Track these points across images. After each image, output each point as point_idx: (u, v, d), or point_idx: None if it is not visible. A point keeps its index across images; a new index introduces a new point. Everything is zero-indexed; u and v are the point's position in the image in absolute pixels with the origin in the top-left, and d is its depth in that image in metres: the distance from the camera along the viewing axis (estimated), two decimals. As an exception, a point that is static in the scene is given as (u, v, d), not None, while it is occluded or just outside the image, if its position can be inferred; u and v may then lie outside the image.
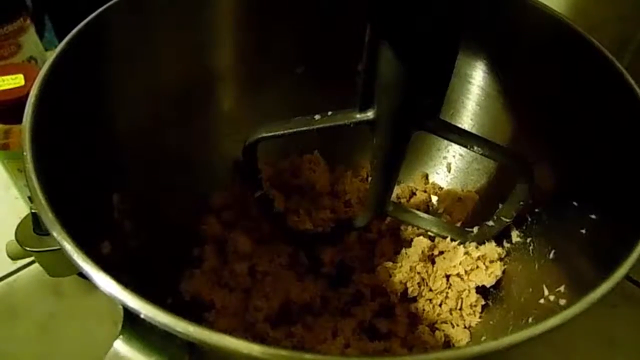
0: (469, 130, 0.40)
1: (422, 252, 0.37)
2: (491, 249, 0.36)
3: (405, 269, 0.37)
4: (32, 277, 0.41)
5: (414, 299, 0.37)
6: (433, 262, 0.38)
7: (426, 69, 0.25)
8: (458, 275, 0.36)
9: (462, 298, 0.36)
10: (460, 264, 0.36)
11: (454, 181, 0.43)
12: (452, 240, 0.37)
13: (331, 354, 0.33)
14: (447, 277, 0.37)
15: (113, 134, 0.32)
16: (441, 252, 0.38)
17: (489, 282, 0.35)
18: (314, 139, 0.33)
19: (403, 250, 0.39)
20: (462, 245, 0.37)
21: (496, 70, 0.37)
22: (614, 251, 0.24)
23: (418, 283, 0.37)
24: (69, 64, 0.28)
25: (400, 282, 0.37)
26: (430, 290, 0.37)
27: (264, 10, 0.38)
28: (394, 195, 0.43)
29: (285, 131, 0.32)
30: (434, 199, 0.44)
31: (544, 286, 0.31)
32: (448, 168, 0.43)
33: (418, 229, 0.39)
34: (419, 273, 0.37)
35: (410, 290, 0.37)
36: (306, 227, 0.40)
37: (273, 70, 0.40)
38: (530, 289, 0.33)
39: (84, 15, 0.30)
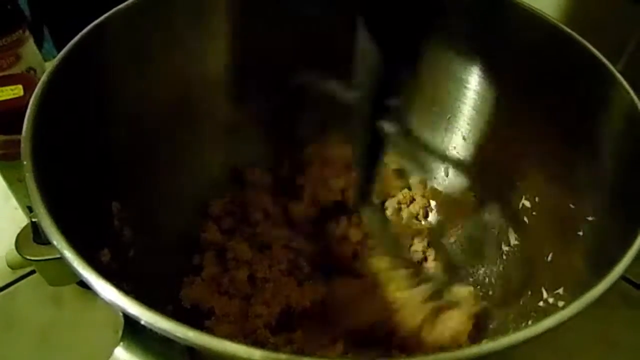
0: (465, 134, 0.40)
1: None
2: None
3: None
4: (32, 286, 0.41)
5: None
6: None
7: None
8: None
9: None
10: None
11: (452, 185, 0.43)
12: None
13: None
14: None
15: (111, 142, 0.32)
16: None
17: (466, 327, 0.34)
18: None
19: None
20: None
21: (491, 75, 0.37)
22: (610, 252, 0.24)
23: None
24: (67, 74, 0.28)
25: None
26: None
27: (258, 23, 0.38)
28: (393, 201, 0.43)
29: None
30: (433, 203, 0.44)
31: (543, 289, 0.31)
32: (446, 173, 0.44)
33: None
34: None
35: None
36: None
37: (267, 80, 0.40)
38: (529, 292, 0.33)
39: (82, 26, 0.30)
